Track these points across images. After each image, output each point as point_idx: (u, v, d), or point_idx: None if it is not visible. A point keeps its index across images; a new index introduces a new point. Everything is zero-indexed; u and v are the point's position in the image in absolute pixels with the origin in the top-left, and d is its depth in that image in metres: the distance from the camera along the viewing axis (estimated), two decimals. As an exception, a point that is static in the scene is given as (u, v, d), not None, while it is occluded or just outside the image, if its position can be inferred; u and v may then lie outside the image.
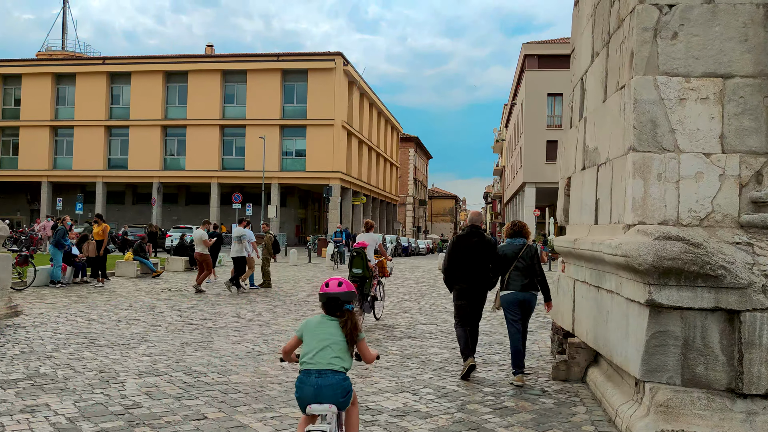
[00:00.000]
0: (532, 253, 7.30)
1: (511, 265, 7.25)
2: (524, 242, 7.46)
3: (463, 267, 7.44)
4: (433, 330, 10.62)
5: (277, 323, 10.82)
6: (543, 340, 9.78)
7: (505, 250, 7.39)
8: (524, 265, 7.22)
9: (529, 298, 7.24)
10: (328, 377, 3.83)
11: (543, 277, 7.36)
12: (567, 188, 8.57)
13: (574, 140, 8.23)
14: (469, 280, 7.40)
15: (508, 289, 7.25)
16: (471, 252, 7.41)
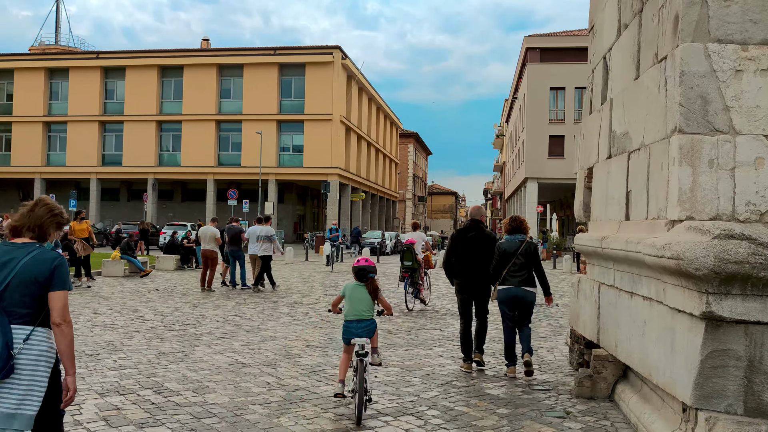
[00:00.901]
0: (531, 250, 7.27)
1: (509, 261, 7.20)
2: (523, 238, 7.39)
3: (462, 261, 7.50)
4: (437, 336, 9.73)
5: (266, 329, 9.92)
6: (558, 348, 8.89)
7: (504, 246, 7.34)
8: (523, 261, 7.19)
9: (524, 294, 7.16)
10: (363, 323, 5.77)
11: (542, 273, 7.33)
12: (588, 180, 7.67)
13: (596, 126, 7.33)
14: (468, 274, 7.47)
15: (504, 285, 7.22)
16: (470, 246, 7.47)
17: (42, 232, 3.39)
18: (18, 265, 3.20)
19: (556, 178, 46.57)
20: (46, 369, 3.20)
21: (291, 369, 7.20)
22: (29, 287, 3.19)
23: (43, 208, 3.42)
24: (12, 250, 3.27)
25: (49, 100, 52.91)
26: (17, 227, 3.38)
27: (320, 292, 15.95)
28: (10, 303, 3.17)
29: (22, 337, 3.14)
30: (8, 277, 3.18)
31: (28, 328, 3.18)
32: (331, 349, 8.43)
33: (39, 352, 3.18)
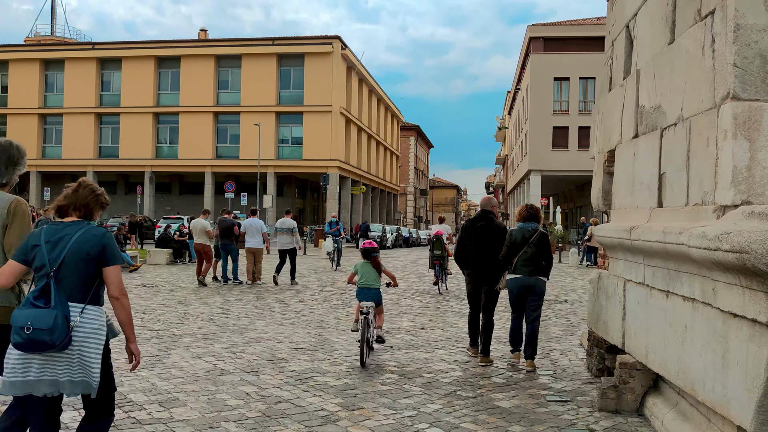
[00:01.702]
0: (543, 239, 7.17)
1: (520, 250, 7.12)
2: (536, 227, 7.32)
3: (471, 252, 7.50)
4: (439, 336, 8.92)
5: (253, 329, 9.12)
6: (573, 351, 8.08)
7: (516, 233, 7.24)
8: (534, 250, 7.10)
9: (535, 284, 7.11)
10: (371, 291, 7.39)
11: (550, 264, 7.26)
12: (608, 164, 6.84)
13: (617, 104, 6.50)
14: (477, 264, 7.44)
15: (515, 274, 7.15)
16: (479, 236, 7.46)
17: (88, 211, 3.47)
18: (70, 242, 3.28)
19: (560, 170, 45.71)
20: (98, 343, 3.29)
21: (275, 377, 6.40)
22: (82, 263, 3.29)
23: (86, 189, 3.49)
24: (62, 229, 3.35)
25: (45, 92, 52.11)
26: (64, 207, 3.43)
27: (316, 287, 15.15)
28: (65, 279, 3.26)
29: (78, 312, 3.25)
30: (62, 254, 3.26)
31: (81, 305, 3.28)
32: (322, 352, 7.63)
33: (94, 327, 3.29)
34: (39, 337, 3.08)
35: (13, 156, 3.73)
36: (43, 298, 3.19)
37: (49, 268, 3.26)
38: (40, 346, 3.11)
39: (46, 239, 3.32)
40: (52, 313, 3.12)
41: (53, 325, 3.09)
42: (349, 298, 13.07)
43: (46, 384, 3.21)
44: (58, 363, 3.21)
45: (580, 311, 11.89)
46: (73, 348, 3.21)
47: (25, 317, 3.11)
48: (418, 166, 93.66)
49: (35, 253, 3.31)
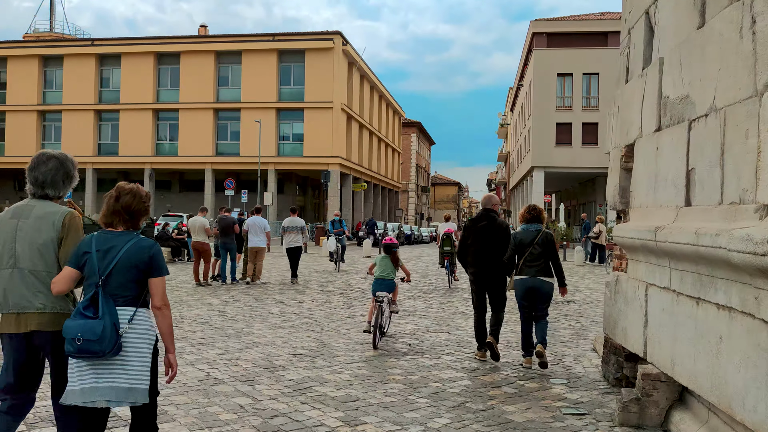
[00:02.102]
0: (548, 239, 7.14)
1: (525, 252, 7.09)
2: (540, 228, 7.27)
3: (474, 251, 7.42)
4: (445, 340, 8.52)
5: (250, 332, 8.73)
6: (586, 356, 7.68)
7: (520, 235, 7.22)
8: (539, 251, 7.07)
9: (541, 285, 7.04)
10: (385, 282, 8.36)
11: (558, 264, 7.18)
12: (626, 160, 6.43)
13: (637, 95, 6.09)
14: (480, 264, 7.36)
15: (521, 275, 7.11)
16: (481, 235, 7.39)
17: (134, 218, 3.55)
18: (119, 252, 3.38)
19: (564, 167, 45.29)
20: (148, 347, 3.39)
21: (272, 386, 6.01)
22: (130, 273, 3.39)
23: (127, 196, 3.54)
24: (112, 239, 3.44)
25: (44, 89, 51.66)
26: (110, 221, 3.52)
27: (316, 287, 14.75)
28: (114, 287, 3.36)
29: (127, 318, 3.33)
30: (111, 264, 3.36)
31: (131, 309, 3.37)
32: (323, 358, 7.23)
33: (142, 331, 3.37)
34: (89, 347, 3.20)
35: (69, 170, 3.73)
36: (92, 308, 3.31)
37: (98, 277, 3.36)
38: (90, 355, 3.23)
39: (96, 248, 3.40)
40: (100, 323, 3.23)
41: (101, 335, 3.20)
42: (351, 299, 12.68)
43: (101, 391, 3.29)
44: (112, 370, 3.31)
45: (590, 312, 11.49)
46: (125, 354, 3.31)
47: (76, 328, 3.23)
48: (420, 163, 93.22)
49: (86, 259, 3.40)
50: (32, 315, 3.46)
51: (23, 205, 3.64)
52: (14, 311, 3.49)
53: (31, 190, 3.66)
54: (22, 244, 3.51)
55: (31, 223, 3.52)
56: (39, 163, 3.64)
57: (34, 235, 3.50)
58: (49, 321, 3.46)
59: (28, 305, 3.47)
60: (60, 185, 3.65)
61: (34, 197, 3.64)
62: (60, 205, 3.66)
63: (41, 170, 3.63)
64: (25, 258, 3.50)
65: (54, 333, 3.43)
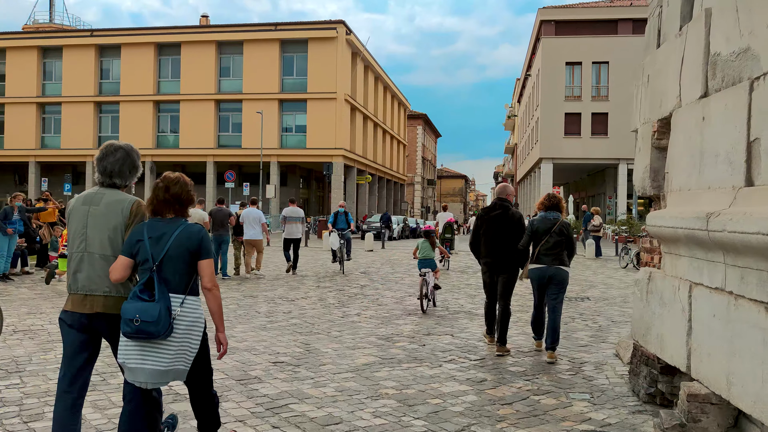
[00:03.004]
0: (566, 228, 7.05)
1: (542, 239, 7.01)
2: (558, 216, 7.16)
3: (486, 241, 7.37)
4: (448, 344, 7.59)
5: (230, 335, 7.80)
6: (609, 363, 6.72)
7: (537, 223, 7.13)
8: (556, 240, 6.98)
9: (556, 273, 6.96)
10: (428, 260, 10.04)
11: (572, 255, 7.17)
12: (658, 136, 5.47)
13: (674, 58, 5.13)
14: (493, 254, 7.33)
15: (536, 263, 7.05)
16: (493, 225, 7.33)
17: (182, 206, 3.72)
18: (171, 238, 3.55)
19: (573, 158, 44.21)
20: (198, 332, 3.57)
21: (241, 404, 5.10)
22: (182, 257, 3.56)
23: (176, 186, 3.71)
24: (162, 226, 3.61)
25: (43, 81, 50.83)
26: (159, 208, 3.66)
27: (312, 284, 13.82)
28: (167, 271, 3.53)
29: (179, 303, 3.49)
30: (164, 249, 3.53)
31: (181, 296, 3.53)
32: (306, 367, 6.31)
33: (193, 317, 3.54)
34: (146, 328, 3.33)
35: (135, 161, 3.85)
36: (148, 292, 3.44)
37: (152, 262, 3.49)
38: (146, 336, 3.36)
39: (149, 235, 3.54)
40: (156, 306, 3.36)
41: (158, 317, 3.34)
42: (347, 296, 11.78)
43: (143, 372, 3.44)
44: (158, 351, 3.43)
45: (607, 310, 10.54)
46: (175, 337, 3.43)
47: (134, 310, 3.36)
48: (426, 155, 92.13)
49: (139, 247, 3.53)
50: (98, 297, 3.60)
51: (93, 192, 3.78)
52: (82, 293, 3.62)
53: (99, 180, 3.80)
54: (92, 229, 3.65)
55: (102, 209, 3.66)
56: (107, 154, 3.79)
57: (104, 221, 3.64)
58: (113, 304, 3.60)
59: (95, 288, 3.60)
60: (126, 175, 3.81)
61: (102, 186, 3.79)
62: (127, 194, 3.79)
63: (109, 161, 3.77)
64: (95, 243, 3.64)
65: (116, 316, 3.57)
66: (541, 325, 7.25)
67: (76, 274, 3.66)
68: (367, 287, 13.27)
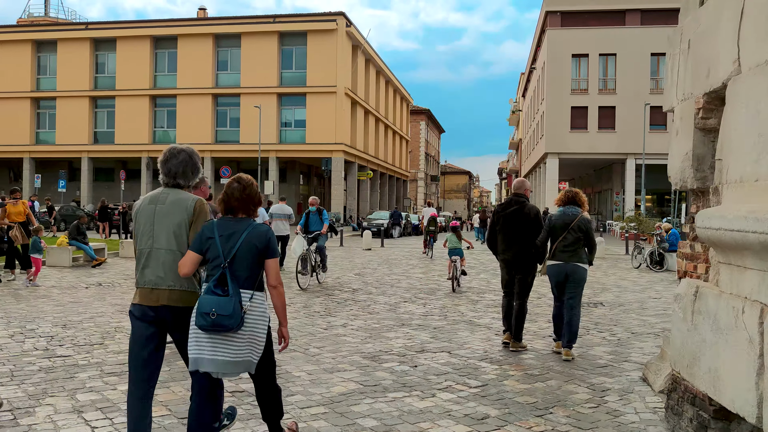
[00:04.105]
0: (585, 225, 6.92)
1: (560, 235, 6.91)
2: (577, 212, 7.01)
3: (504, 237, 7.31)
4: (444, 364, 6.47)
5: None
6: (636, 392, 5.60)
7: (555, 219, 7.03)
8: (574, 236, 6.85)
9: (574, 270, 6.86)
10: (456, 249, 12.67)
11: (593, 251, 7.08)
12: (706, 114, 4.35)
13: (728, 15, 4.00)
14: (510, 250, 7.27)
15: (554, 260, 6.96)
16: (512, 221, 7.26)
17: (255, 207, 3.92)
18: (241, 237, 3.72)
19: (579, 152, 43.03)
20: (264, 325, 3.72)
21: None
22: (251, 255, 3.72)
23: (251, 187, 3.90)
24: (233, 225, 3.79)
25: (37, 75, 49.86)
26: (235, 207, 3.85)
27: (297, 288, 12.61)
28: (238, 268, 3.69)
29: (248, 298, 3.66)
30: (235, 247, 3.69)
31: (250, 291, 3.70)
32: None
33: (261, 311, 3.71)
34: (222, 321, 3.51)
35: (196, 162, 4.00)
36: (221, 287, 3.62)
37: (223, 260, 3.67)
38: (221, 329, 3.53)
39: (219, 233, 3.73)
40: (231, 300, 3.56)
41: (233, 311, 3.53)
42: (336, 303, 10.68)
43: (214, 363, 3.60)
44: (229, 343, 3.59)
45: (625, 319, 9.42)
46: (244, 330, 3.61)
47: (210, 304, 3.54)
48: (429, 151, 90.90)
49: (209, 244, 3.71)
50: (164, 291, 3.74)
51: (158, 192, 3.92)
52: (149, 286, 3.77)
53: (164, 180, 3.93)
54: (159, 226, 3.80)
55: (167, 208, 3.82)
56: (171, 156, 3.94)
57: (170, 219, 3.80)
58: (178, 297, 3.75)
59: (161, 282, 3.75)
60: (189, 175, 3.95)
61: (167, 186, 3.93)
62: (190, 193, 3.95)
63: (173, 162, 3.91)
64: (161, 239, 3.79)
65: (180, 309, 3.74)
66: (561, 324, 7.01)
67: (144, 269, 3.81)
68: (359, 291, 12.17)
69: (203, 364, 3.62)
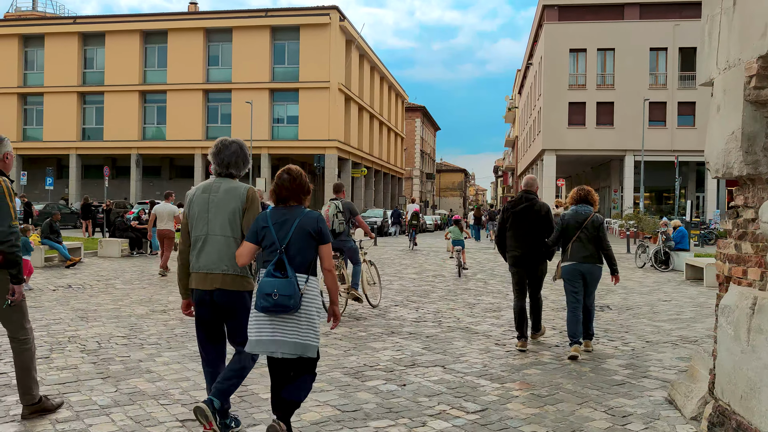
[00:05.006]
0: (597, 224, 6.80)
1: (573, 235, 6.80)
2: (590, 211, 6.92)
3: (513, 235, 7.21)
4: (437, 382, 5.61)
5: (146, 371, 5.81)
6: (662, 417, 4.72)
7: (568, 218, 6.91)
8: (588, 235, 6.77)
9: (590, 270, 6.77)
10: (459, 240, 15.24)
11: (609, 250, 6.83)
12: (758, 83, 3.51)
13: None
14: (519, 247, 7.14)
15: (568, 260, 6.83)
16: (522, 219, 7.15)
17: (306, 196, 4.07)
18: (294, 224, 3.89)
19: (577, 149, 42.21)
20: (318, 306, 3.86)
21: None
22: (304, 240, 3.88)
23: (301, 177, 4.06)
24: (285, 213, 3.95)
25: (24, 70, 48.74)
26: (286, 196, 4.01)
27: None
28: (293, 253, 3.85)
29: (303, 281, 3.82)
30: (289, 234, 3.86)
31: (305, 275, 3.84)
32: (228, 430, 4.35)
33: (315, 294, 3.86)
34: (283, 302, 3.69)
35: (246, 154, 4.23)
36: (280, 270, 3.78)
37: (279, 245, 3.84)
38: (282, 309, 3.71)
39: (273, 221, 3.91)
40: (291, 282, 3.73)
41: (293, 292, 3.71)
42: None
43: (276, 343, 3.77)
44: (287, 324, 3.76)
45: (636, 325, 8.60)
46: (301, 312, 3.78)
47: (271, 285, 3.71)
48: (425, 149, 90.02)
49: (265, 233, 3.90)
50: (218, 275, 3.99)
51: (211, 182, 4.16)
52: (204, 271, 4.02)
53: (216, 171, 4.18)
54: (214, 214, 4.06)
55: (221, 196, 4.07)
56: (223, 148, 4.19)
57: (224, 206, 4.05)
58: (231, 281, 3.99)
59: (215, 267, 4.00)
60: (240, 166, 4.22)
61: (219, 176, 4.18)
62: (241, 182, 4.15)
63: (226, 153, 4.17)
64: (216, 226, 4.05)
65: (232, 292, 4.00)
66: (578, 328, 6.72)
67: (199, 255, 4.03)
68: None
69: (265, 345, 3.77)
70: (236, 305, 3.99)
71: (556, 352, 6.88)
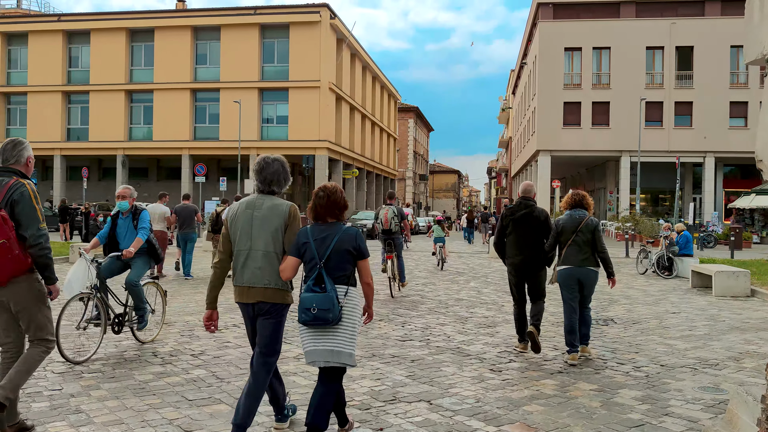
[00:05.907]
0: (592, 227, 6.85)
1: (569, 239, 6.84)
2: (584, 215, 6.96)
3: (513, 241, 7.21)
4: (421, 425, 4.70)
5: (80, 410, 4.90)
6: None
7: (563, 223, 6.95)
8: (583, 239, 6.80)
9: (586, 274, 6.79)
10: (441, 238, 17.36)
11: (605, 253, 6.86)
12: None
13: None
14: (520, 254, 7.13)
15: (564, 264, 6.87)
16: (521, 225, 7.16)
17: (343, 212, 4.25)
18: (334, 240, 4.06)
19: (572, 150, 41.40)
20: (357, 316, 4.07)
21: None
22: (343, 255, 4.06)
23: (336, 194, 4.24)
24: (325, 229, 4.13)
25: (7, 69, 47.56)
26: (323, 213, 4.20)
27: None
28: (332, 267, 4.02)
29: (343, 293, 4.02)
30: (329, 249, 4.03)
31: (344, 287, 4.06)
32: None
33: (353, 306, 4.05)
34: (322, 315, 3.90)
35: (288, 171, 4.45)
36: (319, 285, 3.97)
37: (318, 260, 4.01)
38: (322, 322, 3.92)
39: (313, 237, 4.08)
40: (329, 296, 3.91)
41: (332, 305, 3.90)
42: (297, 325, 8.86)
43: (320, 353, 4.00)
44: (327, 334, 3.97)
45: (645, 343, 7.72)
46: (342, 323, 3.97)
47: (311, 300, 3.93)
48: (418, 150, 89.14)
49: (305, 248, 4.08)
50: (259, 289, 4.16)
51: (254, 198, 4.33)
52: (247, 285, 4.20)
53: (259, 188, 4.36)
54: (257, 230, 4.21)
55: (264, 212, 4.23)
56: (266, 166, 4.36)
57: (268, 223, 4.20)
58: (272, 294, 4.17)
59: (257, 281, 4.16)
60: (282, 183, 4.39)
61: (262, 193, 4.35)
62: (283, 199, 4.36)
63: (268, 171, 4.35)
64: (259, 241, 4.19)
65: (272, 305, 4.18)
66: (575, 335, 6.72)
67: (242, 269, 4.20)
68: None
69: (310, 356, 4.01)
70: (272, 316, 4.15)
71: (561, 381, 5.98)
